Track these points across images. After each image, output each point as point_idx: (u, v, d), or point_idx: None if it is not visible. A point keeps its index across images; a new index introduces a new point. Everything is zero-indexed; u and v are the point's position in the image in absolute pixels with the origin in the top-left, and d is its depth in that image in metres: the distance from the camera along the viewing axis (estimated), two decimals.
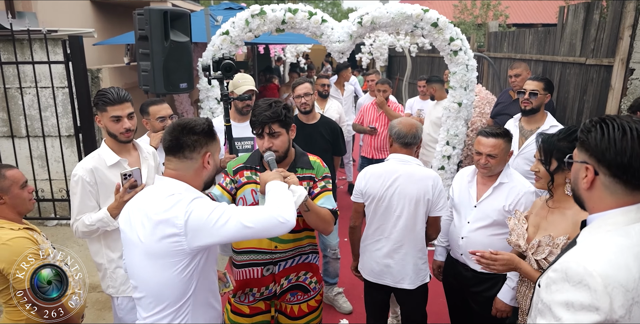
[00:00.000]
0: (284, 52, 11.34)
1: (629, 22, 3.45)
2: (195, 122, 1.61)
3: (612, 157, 1.11)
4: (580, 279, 1.06)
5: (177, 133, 1.58)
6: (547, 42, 4.80)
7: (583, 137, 1.18)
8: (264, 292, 2.13)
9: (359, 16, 3.97)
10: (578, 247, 1.17)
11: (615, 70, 3.61)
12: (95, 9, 6.88)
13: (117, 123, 2.15)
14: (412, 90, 9.32)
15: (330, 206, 2.05)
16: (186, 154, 1.58)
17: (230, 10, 5.87)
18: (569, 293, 1.08)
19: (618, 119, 1.15)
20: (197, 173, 1.62)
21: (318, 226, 2.03)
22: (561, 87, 4.51)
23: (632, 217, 1.14)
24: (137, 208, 1.61)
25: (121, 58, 6.59)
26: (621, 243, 1.10)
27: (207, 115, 4.27)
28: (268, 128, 1.97)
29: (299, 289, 2.17)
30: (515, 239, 1.94)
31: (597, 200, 1.18)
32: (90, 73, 4.70)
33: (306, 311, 2.19)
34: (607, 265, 1.06)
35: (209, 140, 1.62)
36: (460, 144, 4.25)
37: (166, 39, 3.42)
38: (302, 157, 2.14)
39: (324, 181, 2.10)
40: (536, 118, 3.16)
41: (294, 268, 2.14)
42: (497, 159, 2.24)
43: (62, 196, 4.61)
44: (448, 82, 4.30)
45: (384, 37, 9.58)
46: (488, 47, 6.55)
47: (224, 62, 2.87)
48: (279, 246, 2.07)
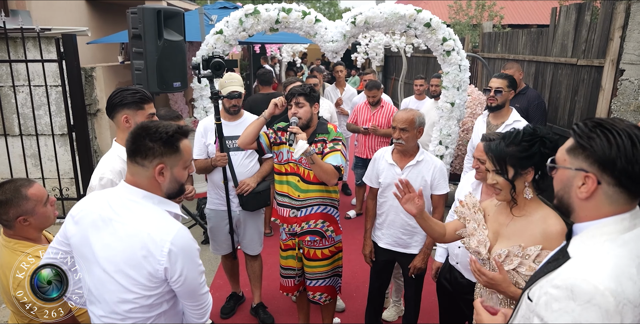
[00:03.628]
0: (280, 52, 11.35)
1: (619, 23, 3.49)
2: (158, 127, 1.47)
3: (624, 166, 1.03)
4: (590, 298, 0.98)
5: (135, 136, 1.47)
6: (540, 43, 4.84)
7: (583, 143, 1.09)
8: (290, 229, 2.75)
9: (352, 16, 3.98)
10: (578, 261, 1.08)
11: (606, 71, 3.65)
12: (89, 7, 6.87)
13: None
14: (407, 89, 9.35)
15: (335, 163, 2.56)
16: (138, 160, 1.47)
17: (225, 9, 5.88)
18: (574, 314, 1.00)
19: (618, 125, 1.08)
20: (151, 182, 1.49)
21: (321, 177, 2.56)
22: (553, 87, 4.55)
23: (626, 225, 1.09)
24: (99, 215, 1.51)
25: (115, 57, 6.58)
26: (622, 255, 1.04)
27: (201, 114, 4.28)
28: (295, 99, 2.60)
29: (316, 234, 2.71)
30: (474, 245, 1.80)
31: (593, 209, 1.11)
32: (84, 72, 4.70)
33: (319, 256, 2.76)
34: (615, 282, 0.99)
35: (165, 152, 1.46)
36: (453, 144, 4.27)
37: (160, 37, 3.42)
38: (322, 125, 2.72)
39: (333, 143, 2.64)
40: (502, 113, 3.35)
41: (312, 216, 2.69)
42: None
43: (56, 195, 4.60)
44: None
45: (380, 37, 9.61)
46: (482, 48, 6.58)
47: (214, 61, 2.88)
48: (301, 195, 2.68)
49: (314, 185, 2.66)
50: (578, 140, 1.11)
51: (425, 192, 2.64)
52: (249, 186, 3.05)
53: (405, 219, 2.69)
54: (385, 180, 2.72)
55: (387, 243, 2.80)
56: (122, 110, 2.10)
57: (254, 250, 3.31)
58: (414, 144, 2.65)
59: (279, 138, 2.75)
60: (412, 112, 2.61)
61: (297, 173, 2.69)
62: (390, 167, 2.70)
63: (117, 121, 2.13)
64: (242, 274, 3.63)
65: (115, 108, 2.10)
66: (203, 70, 2.91)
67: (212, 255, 4.29)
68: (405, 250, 2.77)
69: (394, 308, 3.41)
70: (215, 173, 3.14)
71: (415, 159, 2.65)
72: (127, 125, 2.10)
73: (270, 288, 3.70)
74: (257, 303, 3.41)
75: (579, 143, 1.11)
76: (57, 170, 4.51)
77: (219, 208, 3.19)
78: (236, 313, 3.46)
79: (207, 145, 3.14)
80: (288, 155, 2.70)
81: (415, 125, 2.57)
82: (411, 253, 2.76)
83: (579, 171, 1.10)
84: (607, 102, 3.63)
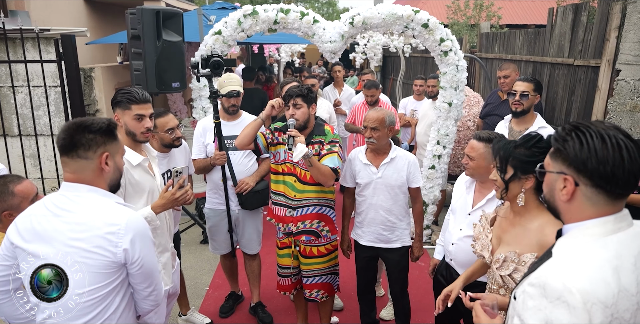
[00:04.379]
0: (278, 52, 11.36)
1: (616, 23, 3.51)
2: (92, 120, 1.53)
3: (595, 166, 1.06)
4: (559, 295, 1.02)
5: (71, 132, 1.49)
6: (537, 43, 4.86)
7: (559, 146, 1.12)
8: (285, 228, 2.78)
9: (350, 17, 4.00)
10: (556, 260, 1.11)
11: (602, 71, 3.68)
12: (88, 8, 6.88)
13: (139, 122, 2.14)
14: (406, 90, 9.38)
15: (332, 165, 2.59)
16: (80, 153, 1.48)
17: (223, 10, 5.89)
18: (546, 310, 1.04)
19: (593, 126, 1.10)
20: (96, 174, 1.52)
21: (318, 179, 2.59)
22: (550, 87, 4.57)
23: (609, 228, 1.10)
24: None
25: (114, 57, 6.58)
26: (600, 256, 1.07)
27: (200, 114, 4.30)
28: (293, 100, 2.59)
29: (312, 233, 2.76)
30: (479, 249, 1.86)
31: (576, 211, 1.13)
32: (83, 73, 4.71)
33: (315, 254, 2.80)
34: (586, 281, 1.02)
35: (107, 140, 1.53)
36: (451, 144, 4.30)
37: (158, 38, 3.43)
38: (319, 126, 2.73)
39: (330, 145, 2.67)
40: (526, 119, 3.17)
41: (308, 216, 2.73)
42: (475, 162, 2.21)
43: None
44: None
45: (378, 37, 9.63)
46: (480, 48, 6.61)
47: (213, 60, 2.88)
48: (297, 195, 2.70)
49: (311, 185, 2.69)
50: (555, 144, 1.15)
51: (402, 188, 2.75)
52: (248, 186, 3.06)
53: (385, 215, 2.78)
54: (362, 180, 2.79)
55: (368, 240, 2.87)
56: (115, 109, 2.16)
57: (252, 249, 3.33)
58: (386, 142, 2.73)
59: (276, 139, 2.77)
60: (383, 112, 2.69)
61: (294, 174, 2.72)
62: (365, 167, 2.77)
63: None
64: (241, 274, 3.65)
65: (113, 107, 2.17)
66: (202, 69, 2.92)
67: (210, 255, 4.30)
68: (387, 245, 2.85)
69: (392, 308, 3.43)
70: (214, 172, 3.15)
71: (389, 156, 2.73)
72: (119, 123, 2.14)
73: (269, 287, 3.71)
74: (256, 302, 3.43)
75: (557, 147, 1.14)
76: (57, 170, 4.52)
77: (218, 208, 3.20)
78: (235, 312, 3.48)
79: (206, 145, 3.15)
80: (285, 155, 2.73)
81: (385, 124, 2.65)
82: (393, 247, 2.84)
83: (559, 174, 1.13)
84: (604, 102, 3.65)
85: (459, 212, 2.38)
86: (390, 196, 2.74)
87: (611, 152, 1.05)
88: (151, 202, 2.15)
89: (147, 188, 2.14)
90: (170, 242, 2.32)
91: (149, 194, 2.17)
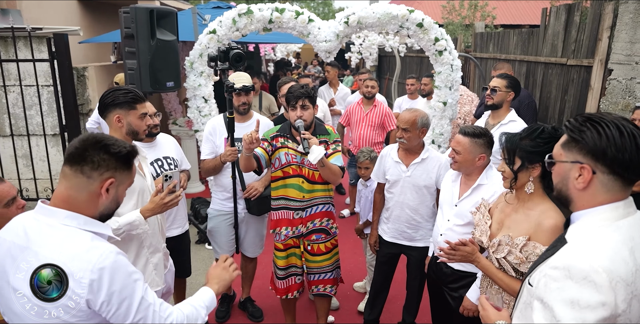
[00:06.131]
0: (274, 52, 11.34)
1: (608, 23, 3.53)
2: (115, 141, 1.40)
3: (614, 154, 1.11)
4: (585, 275, 1.06)
5: (87, 145, 1.36)
6: (531, 43, 4.88)
7: (576, 136, 1.17)
8: (295, 231, 2.76)
9: (345, 16, 4.01)
10: (575, 244, 1.16)
11: (595, 70, 3.70)
12: (81, 6, 6.83)
13: (142, 121, 2.15)
14: (401, 89, 9.39)
15: (339, 164, 2.67)
16: (85, 169, 1.34)
17: (218, 9, 5.87)
18: (572, 290, 1.07)
19: (606, 117, 1.16)
20: (90, 197, 1.36)
21: (329, 178, 2.65)
22: (544, 87, 4.60)
23: (620, 212, 1.16)
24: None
25: (108, 56, 6.54)
26: (615, 239, 1.12)
27: (195, 113, 4.28)
28: (301, 101, 2.57)
29: (322, 231, 2.79)
30: (478, 235, 1.95)
31: (590, 198, 1.18)
32: (76, 72, 4.68)
33: (323, 250, 2.82)
34: (608, 261, 1.07)
35: (120, 167, 1.39)
36: (446, 143, 4.31)
37: (152, 37, 3.42)
38: (320, 126, 2.76)
39: (335, 144, 2.73)
40: (499, 113, 3.30)
41: (317, 215, 2.76)
42: (462, 156, 2.27)
43: (47, 195, 4.58)
44: None
45: (374, 36, 9.65)
46: (474, 48, 6.63)
47: (234, 52, 2.73)
48: (306, 196, 2.70)
49: (319, 184, 2.71)
50: (570, 134, 1.19)
51: (431, 189, 2.76)
52: (257, 191, 3.00)
53: (411, 214, 2.80)
54: (391, 177, 2.83)
55: (392, 237, 2.91)
56: (114, 110, 2.10)
57: (254, 252, 3.31)
58: (418, 143, 2.73)
59: (274, 145, 2.72)
60: (416, 113, 2.68)
61: (301, 175, 2.69)
62: (396, 165, 2.80)
63: (109, 121, 2.13)
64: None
65: (108, 108, 2.10)
66: (220, 62, 2.77)
67: (206, 255, 4.29)
68: (411, 243, 2.87)
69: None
70: (223, 176, 3.06)
71: (420, 157, 2.74)
72: (119, 125, 2.11)
73: (259, 285, 3.70)
74: (245, 297, 3.45)
75: (572, 137, 1.19)
76: (49, 170, 4.49)
77: (223, 209, 3.12)
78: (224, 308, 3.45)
79: (216, 146, 3.05)
80: (287, 157, 2.70)
81: (417, 126, 2.65)
82: (416, 246, 2.86)
83: (574, 163, 1.18)
84: (596, 101, 3.67)
85: (446, 204, 2.44)
86: (417, 196, 2.76)
87: (628, 140, 1.11)
88: (141, 202, 2.14)
89: (137, 189, 2.12)
90: (163, 243, 2.30)
91: (139, 195, 2.15)
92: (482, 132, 2.27)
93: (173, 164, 2.72)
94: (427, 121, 2.69)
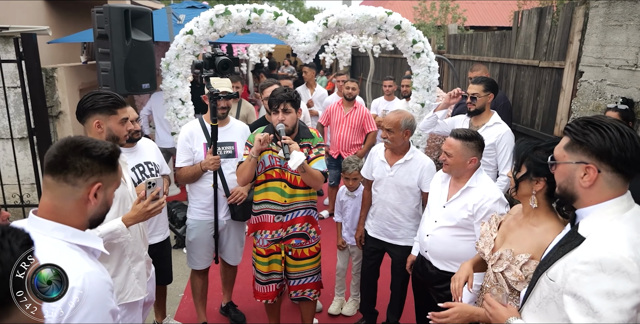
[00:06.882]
0: (247, 52, 11.23)
1: (578, 27, 3.66)
2: (95, 143, 1.33)
3: (618, 154, 1.22)
4: (618, 267, 1.14)
5: (66, 151, 1.29)
6: (504, 45, 5.00)
7: (580, 139, 1.26)
8: (274, 235, 2.73)
9: (324, 18, 4.00)
10: (596, 239, 1.23)
11: (566, 72, 3.82)
12: (49, 6, 6.58)
13: (123, 126, 2.12)
14: (375, 90, 9.46)
15: (322, 169, 2.64)
16: (68, 177, 1.28)
17: (193, 9, 5.77)
18: (606, 282, 1.15)
19: (604, 120, 1.26)
20: (77, 205, 1.31)
21: (311, 183, 2.63)
22: (517, 88, 4.72)
23: (625, 205, 1.27)
24: None
25: (77, 56, 6.33)
26: (630, 229, 1.22)
27: (172, 116, 4.19)
28: (283, 105, 2.52)
29: (302, 236, 2.76)
30: (482, 247, 1.91)
31: (596, 195, 1.28)
32: (45, 73, 4.51)
33: (307, 255, 2.80)
34: (632, 250, 1.16)
35: (105, 169, 1.34)
36: (424, 143, 4.36)
37: (127, 38, 3.33)
38: (304, 129, 2.74)
39: (318, 148, 2.71)
40: (482, 116, 3.38)
41: (298, 219, 2.72)
42: (453, 159, 2.29)
43: (16, 202, 4.39)
44: None
45: (347, 37, 9.67)
46: (448, 49, 6.74)
47: (221, 59, 2.67)
48: (287, 200, 2.67)
49: (301, 189, 2.70)
50: (574, 137, 1.28)
51: (414, 190, 2.81)
52: (243, 196, 2.94)
53: (392, 213, 2.86)
54: (377, 175, 2.91)
55: (375, 233, 2.99)
56: (93, 115, 2.04)
57: (235, 260, 3.26)
58: (402, 144, 2.80)
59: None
60: (400, 115, 2.74)
61: (284, 179, 2.66)
62: (381, 163, 2.88)
63: (88, 126, 2.07)
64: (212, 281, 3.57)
65: (87, 113, 2.04)
66: (206, 69, 2.71)
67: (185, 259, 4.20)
68: (392, 241, 2.93)
69: (353, 303, 3.51)
70: (202, 181, 2.95)
71: (404, 158, 2.80)
72: (99, 130, 2.05)
73: (240, 290, 3.66)
74: (227, 302, 3.40)
75: (576, 140, 1.27)
76: (17, 175, 4.30)
77: (204, 219, 3.01)
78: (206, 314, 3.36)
79: (193, 152, 2.94)
80: (271, 161, 2.68)
81: (400, 127, 2.72)
82: (397, 244, 2.91)
83: (579, 164, 1.27)
84: (568, 102, 3.79)
85: (434, 205, 2.46)
86: (399, 196, 2.83)
87: (628, 140, 1.22)
88: (123, 210, 2.08)
89: (118, 196, 2.05)
90: (145, 250, 2.24)
91: (121, 202, 2.09)
92: (473, 135, 2.28)
93: (154, 169, 2.65)
94: (411, 123, 2.74)
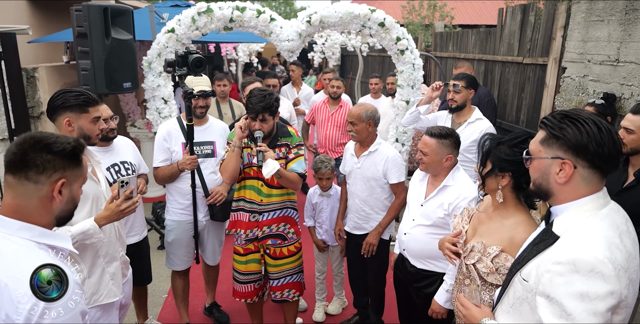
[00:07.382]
0: (236, 51, 11.17)
1: (561, 23, 3.67)
2: (56, 138, 1.27)
3: (595, 149, 1.15)
4: (592, 268, 1.08)
5: (25, 147, 1.23)
6: (488, 42, 5.02)
7: (556, 133, 1.19)
8: (248, 234, 2.69)
9: (307, 15, 3.98)
10: (570, 238, 1.16)
11: (549, 68, 3.84)
12: (30, 4, 6.48)
13: (95, 125, 2.07)
14: (364, 89, 9.45)
15: (300, 170, 2.62)
16: (30, 175, 1.22)
17: (176, 8, 5.71)
18: (580, 284, 1.08)
19: (582, 114, 1.19)
20: (42, 203, 1.25)
21: (288, 186, 2.64)
22: (501, 85, 4.73)
23: (601, 202, 1.20)
24: None
25: (60, 56, 6.24)
26: (604, 227, 1.16)
27: (154, 115, 4.14)
28: (261, 115, 2.49)
29: (278, 237, 2.72)
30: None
31: (571, 191, 1.21)
32: (26, 73, 4.43)
33: (286, 254, 2.76)
34: (607, 250, 1.10)
35: (68, 165, 1.28)
36: (409, 141, 4.36)
37: (107, 36, 3.28)
38: (282, 128, 2.70)
39: (297, 148, 2.67)
40: (464, 112, 3.36)
41: (275, 220, 2.69)
42: (429, 157, 2.27)
43: None
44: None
45: (336, 36, 9.67)
46: (435, 47, 6.76)
47: (194, 57, 2.57)
48: (264, 200, 2.64)
49: (278, 189, 2.67)
50: (550, 131, 1.21)
51: (380, 181, 2.84)
52: (222, 196, 2.85)
53: (360, 205, 2.90)
54: (347, 168, 2.97)
55: (349, 227, 3.03)
56: (64, 113, 1.99)
57: (214, 260, 3.23)
58: (368, 136, 2.83)
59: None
60: (362, 107, 2.79)
61: (261, 178, 2.62)
62: (351, 157, 2.94)
63: (58, 124, 2.02)
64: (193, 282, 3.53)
65: (57, 111, 2.00)
66: (178, 67, 2.62)
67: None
68: (363, 233, 2.94)
69: (338, 301, 3.50)
70: (180, 181, 2.90)
71: (369, 150, 2.84)
72: (69, 128, 2.01)
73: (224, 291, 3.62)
74: (211, 302, 3.36)
75: (552, 134, 1.21)
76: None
77: (182, 219, 2.95)
78: (190, 315, 3.33)
79: (172, 152, 2.88)
80: (249, 158, 2.65)
81: (362, 119, 2.76)
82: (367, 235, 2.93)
83: (555, 159, 1.21)
84: (551, 98, 3.81)
85: (412, 203, 2.47)
86: (366, 187, 2.85)
87: (606, 135, 1.15)
88: (96, 210, 2.04)
89: (91, 195, 2.01)
90: (121, 251, 2.20)
91: (94, 201, 2.04)
92: (448, 133, 2.26)
93: (131, 169, 2.60)
94: (372, 114, 2.78)
